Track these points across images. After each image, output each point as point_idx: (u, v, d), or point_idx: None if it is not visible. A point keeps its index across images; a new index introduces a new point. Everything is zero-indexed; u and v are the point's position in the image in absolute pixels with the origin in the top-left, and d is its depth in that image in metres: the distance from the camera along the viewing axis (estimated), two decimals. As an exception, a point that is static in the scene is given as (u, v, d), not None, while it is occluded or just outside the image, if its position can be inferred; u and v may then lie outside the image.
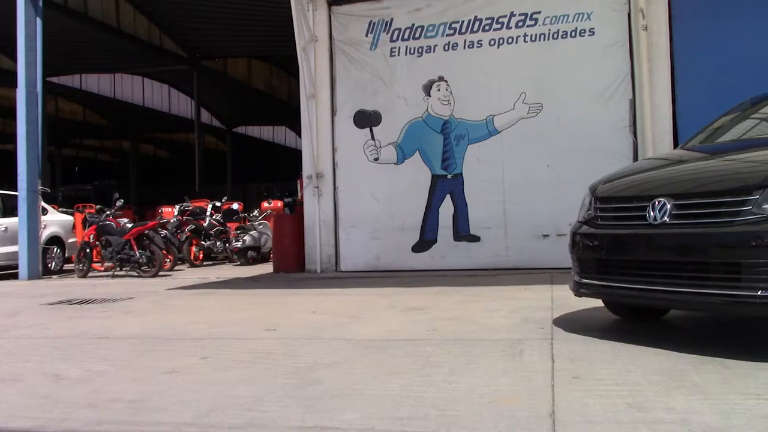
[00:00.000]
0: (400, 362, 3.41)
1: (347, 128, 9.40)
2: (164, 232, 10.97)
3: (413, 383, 2.99)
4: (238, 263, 12.02)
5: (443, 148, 9.03)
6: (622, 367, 3.14)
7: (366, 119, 9.31)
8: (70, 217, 12.81)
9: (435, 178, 9.04)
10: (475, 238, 8.85)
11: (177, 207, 13.37)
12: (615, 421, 2.38)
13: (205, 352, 3.85)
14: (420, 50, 9.22)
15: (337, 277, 8.66)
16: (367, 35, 9.42)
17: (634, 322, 4.31)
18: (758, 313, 3.37)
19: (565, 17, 8.71)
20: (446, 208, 9.00)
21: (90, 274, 10.38)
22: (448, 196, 8.99)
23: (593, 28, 8.63)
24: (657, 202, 3.48)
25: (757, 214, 3.11)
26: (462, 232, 8.90)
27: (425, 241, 9.02)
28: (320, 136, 9.43)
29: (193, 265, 11.88)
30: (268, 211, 13.31)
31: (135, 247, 9.99)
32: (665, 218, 3.42)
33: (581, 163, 8.02)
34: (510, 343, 3.75)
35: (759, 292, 3.04)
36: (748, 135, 4.53)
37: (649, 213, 3.49)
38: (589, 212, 3.99)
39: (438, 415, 2.52)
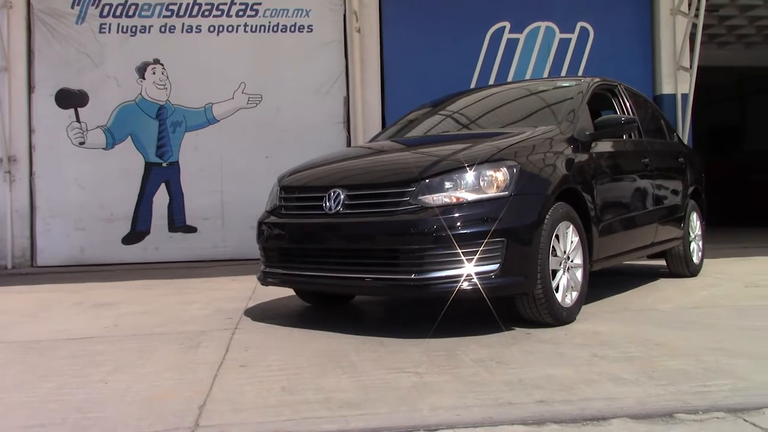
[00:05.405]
0: (59, 364, 3.12)
1: (48, 108, 8.45)
2: None
3: (65, 386, 2.75)
4: None
5: (158, 135, 8.58)
6: (292, 351, 3.23)
7: (70, 99, 8.46)
8: None
9: (149, 166, 8.55)
10: (192, 229, 8.58)
11: None
12: (263, 406, 2.41)
13: None
14: (134, 29, 8.64)
15: (30, 273, 7.75)
16: (72, 7, 8.56)
17: (322, 308, 4.49)
18: (412, 294, 3.73)
19: (285, 11, 8.83)
20: (161, 198, 8.57)
21: None
22: (163, 184, 8.56)
23: (312, 25, 8.88)
24: (332, 193, 3.65)
25: (413, 205, 3.41)
26: (178, 222, 8.56)
27: (137, 232, 8.50)
28: (13, 114, 8.36)
29: None
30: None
31: None
32: (339, 208, 3.61)
33: (299, 155, 8.04)
34: (191, 336, 3.66)
35: (413, 275, 3.34)
36: (433, 131, 5.00)
37: (325, 203, 3.66)
38: (275, 202, 4.06)
39: (78, 419, 2.33)
